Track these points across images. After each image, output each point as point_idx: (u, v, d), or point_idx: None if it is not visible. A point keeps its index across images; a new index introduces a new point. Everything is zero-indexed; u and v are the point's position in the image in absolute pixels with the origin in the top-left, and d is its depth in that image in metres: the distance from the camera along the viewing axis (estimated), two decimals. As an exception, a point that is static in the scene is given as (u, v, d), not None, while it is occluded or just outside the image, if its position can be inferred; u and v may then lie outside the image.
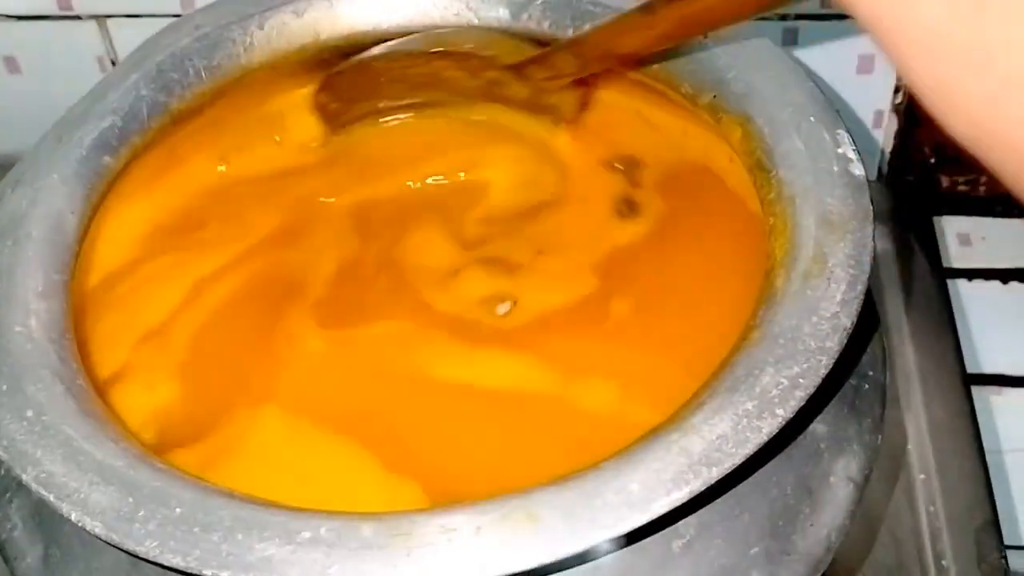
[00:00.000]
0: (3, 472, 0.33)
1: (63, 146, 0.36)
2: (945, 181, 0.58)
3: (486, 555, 0.26)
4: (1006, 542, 0.43)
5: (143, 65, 0.38)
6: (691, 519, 0.29)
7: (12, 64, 0.56)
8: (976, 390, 0.49)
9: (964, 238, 0.57)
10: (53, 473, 0.28)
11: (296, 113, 0.42)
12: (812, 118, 0.34)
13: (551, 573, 0.27)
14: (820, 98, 0.35)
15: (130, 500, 0.27)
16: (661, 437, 0.27)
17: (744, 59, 0.36)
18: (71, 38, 0.55)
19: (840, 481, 0.32)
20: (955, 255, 0.56)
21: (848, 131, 0.34)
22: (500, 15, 0.40)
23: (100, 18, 0.54)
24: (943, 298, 0.53)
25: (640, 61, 0.38)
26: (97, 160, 0.36)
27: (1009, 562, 0.43)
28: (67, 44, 0.55)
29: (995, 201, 0.57)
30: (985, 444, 0.47)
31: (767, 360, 0.28)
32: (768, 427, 0.27)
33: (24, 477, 0.28)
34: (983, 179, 0.57)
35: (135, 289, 0.38)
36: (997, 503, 0.45)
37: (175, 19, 0.41)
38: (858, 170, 0.33)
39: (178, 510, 0.27)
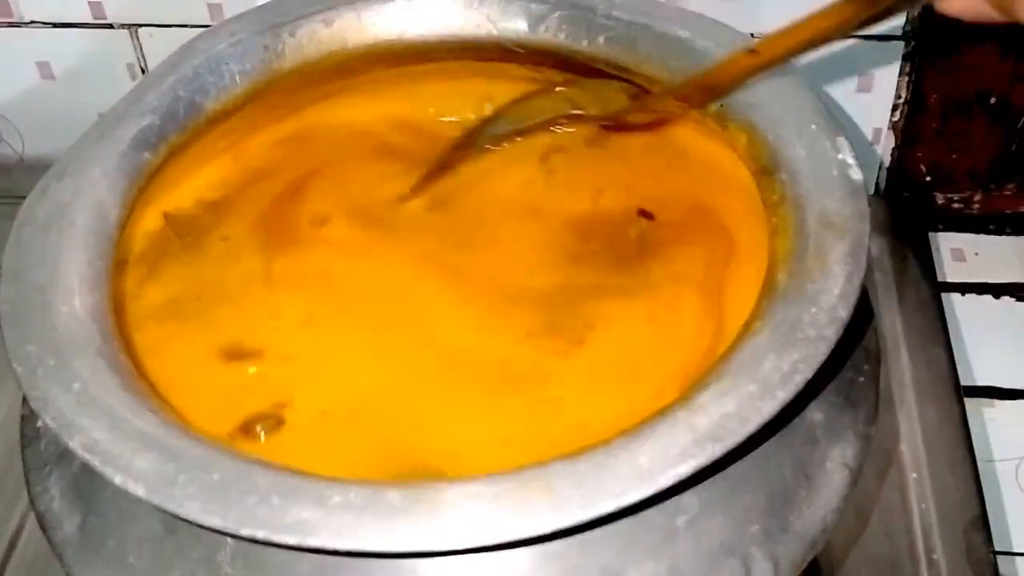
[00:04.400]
0: (42, 446, 0.35)
1: (105, 142, 0.38)
2: (940, 199, 0.60)
3: (504, 520, 0.27)
4: (996, 548, 0.45)
5: (180, 68, 0.40)
6: (694, 497, 0.31)
7: (46, 69, 0.59)
8: (969, 402, 0.50)
9: (958, 253, 0.59)
10: (98, 440, 0.29)
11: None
12: (813, 126, 0.36)
13: (565, 538, 0.29)
14: (821, 108, 0.37)
15: (172, 466, 0.29)
16: (668, 415, 0.29)
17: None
18: (103, 45, 0.57)
19: (836, 466, 0.33)
20: (949, 270, 0.58)
21: (847, 138, 0.36)
22: (518, 27, 0.42)
23: (132, 27, 0.57)
24: (938, 311, 0.54)
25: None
26: (137, 156, 0.38)
27: (999, 568, 0.44)
28: (99, 51, 0.57)
29: (988, 219, 0.59)
30: (977, 454, 0.48)
31: (769, 347, 0.30)
32: (769, 407, 0.29)
33: (71, 444, 0.29)
34: (976, 198, 0.59)
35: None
36: (988, 512, 0.46)
37: (210, 26, 0.43)
38: (856, 174, 0.34)
39: (216, 475, 0.28)
